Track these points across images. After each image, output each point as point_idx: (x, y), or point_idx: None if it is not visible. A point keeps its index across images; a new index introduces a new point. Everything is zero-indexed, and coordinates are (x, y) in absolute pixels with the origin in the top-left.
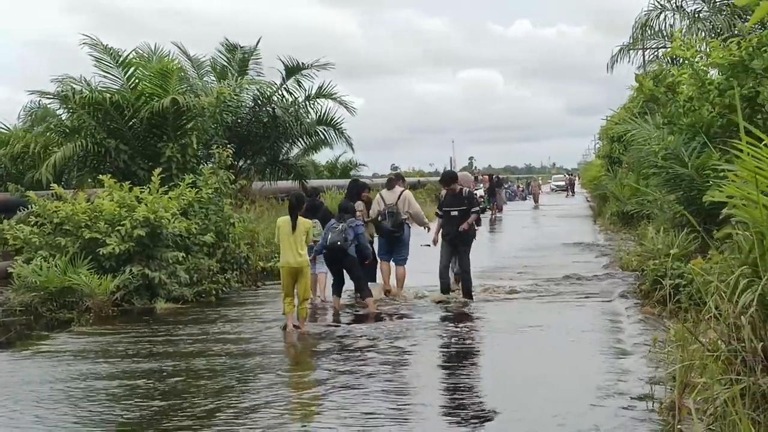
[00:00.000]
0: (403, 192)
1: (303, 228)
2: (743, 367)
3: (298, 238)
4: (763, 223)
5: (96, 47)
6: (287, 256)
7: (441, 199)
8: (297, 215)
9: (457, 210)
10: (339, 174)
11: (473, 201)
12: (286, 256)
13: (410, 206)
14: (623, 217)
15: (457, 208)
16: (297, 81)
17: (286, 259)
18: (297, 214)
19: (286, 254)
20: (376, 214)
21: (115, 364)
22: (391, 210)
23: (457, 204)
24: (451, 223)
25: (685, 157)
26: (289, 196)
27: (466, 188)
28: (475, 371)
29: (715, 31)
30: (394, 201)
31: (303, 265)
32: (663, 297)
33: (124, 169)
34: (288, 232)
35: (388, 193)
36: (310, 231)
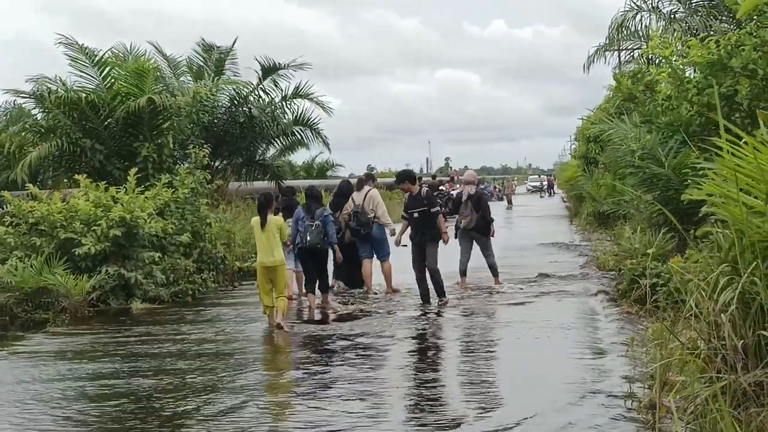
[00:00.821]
0: (370, 191)
1: (274, 226)
2: (723, 365)
3: (270, 236)
4: (742, 221)
5: (71, 47)
6: (262, 255)
7: (405, 202)
8: (266, 214)
9: (417, 211)
10: (315, 174)
11: (433, 201)
12: (261, 255)
13: (375, 205)
14: (599, 217)
15: (417, 209)
16: (273, 81)
17: (261, 258)
18: (266, 212)
19: (261, 253)
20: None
21: (91, 365)
22: (356, 210)
23: (418, 205)
24: (414, 225)
25: (662, 156)
26: (259, 195)
27: (425, 188)
28: (448, 372)
29: (691, 31)
30: (360, 201)
31: (278, 264)
32: (640, 296)
33: (99, 168)
34: (259, 231)
35: (357, 194)
36: (283, 228)
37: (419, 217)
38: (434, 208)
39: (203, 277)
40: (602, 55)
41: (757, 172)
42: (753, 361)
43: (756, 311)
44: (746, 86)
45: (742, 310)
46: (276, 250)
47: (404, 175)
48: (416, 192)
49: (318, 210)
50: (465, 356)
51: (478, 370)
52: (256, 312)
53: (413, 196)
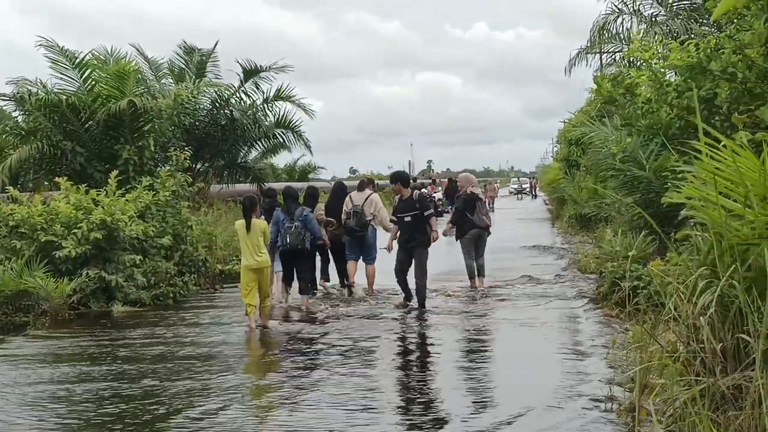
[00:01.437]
0: (371, 195)
1: (258, 229)
2: (702, 368)
3: (254, 239)
4: (721, 224)
5: (52, 49)
6: (247, 258)
7: (394, 205)
8: (251, 217)
9: (409, 215)
10: (297, 177)
11: (425, 204)
12: (246, 257)
13: (376, 209)
14: (581, 220)
15: (409, 213)
16: (255, 84)
17: (245, 260)
18: (251, 215)
19: (246, 256)
20: (344, 214)
21: (72, 368)
22: (356, 210)
23: (409, 209)
24: (404, 229)
25: (643, 159)
26: (243, 198)
27: (416, 191)
28: (430, 375)
29: (672, 34)
30: (361, 202)
31: (263, 266)
32: (621, 299)
33: (80, 171)
34: (244, 234)
35: (357, 195)
36: (266, 232)
37: (411, 221)
38: (428, 211)
39: (184, 280)
40: (584, 57)
41: (736, 176)
42: (731, 364)
43: (734, 314)
44: (725, 89)
45: (721, 313)
46: (261, 252)
47: (397, 176)
48: (407, 195)
49: (297, 210)
50: (446, 360)
51: (458, 373)
52: (237, 315)
53: (404, 200)
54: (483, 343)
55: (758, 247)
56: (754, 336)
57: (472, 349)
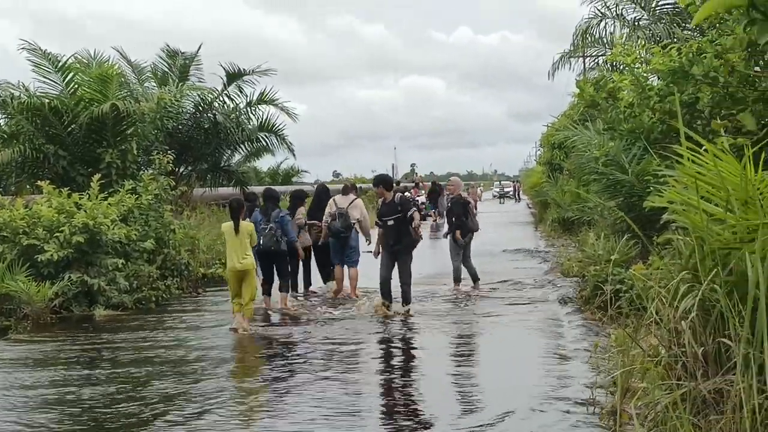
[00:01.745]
0: (356, 200)
1: (246, 231)
2: (684, 372)
3: (241, 241)
4: (703, 228)
5: (34, 52)
6: (233, 260)
7: (378, 209)
8: (239, 218)
9: (392, 218)
10: (281, 180)
11: (407, 205)
12: (232, 259)
13: (362, 215)
14: (564, 224)
15: (392, 216)
16: (238, 87)
17: (231, 262)
18: (239, 217)
19: (232, 257)
20: (328, 216)
21: (54, 372)
22: (341, 212)
23: (392, 212)
24: (389, 232)
25: (626, 163)
26: (230, 200)
27: (398, 194)
28: (413, 378)
29: (655, 38)
30: (345, 205)
31: (248, 267)
32: (604, 302)
33: (63, 175)
34: (232, 236)
35: (341, 198)
36: (253, 234)
37: (394, 224)
38: (410, 211)
39: (167, 284)
40: (567, 61)
41: (717, 180)
42: (713, 369)
43: (716, 318)
44: (707, 94)
45: (703, 318)
46: (246, 254)
47: (380, 180)
48: (390, 199)
49: (274, 212)
50: (429, 363)
51: (442, 377)
52: (220, 318)
53: (387, 203)
54: (466, 346)
55: (739, 251)
56: (735, 340)
57: (455, 353)
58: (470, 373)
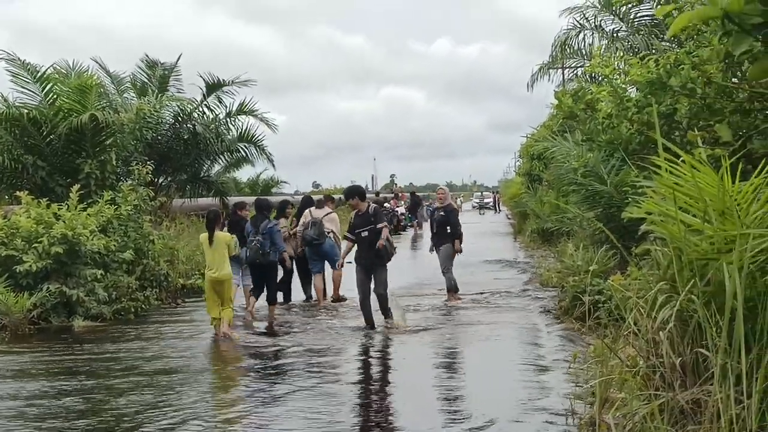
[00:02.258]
0: (331, 213)
1: (222, 242)
2: (662, 382)
3: (218, 251)
4: (680, 239)
5: (13, 63)
6: (210, 270)
7: (351, 221)
8: (214, 230)
9: (366, 230)
10: (260, 191)
11: (380, 217)
12: (209, 269)
13: (335, 226)
14: (543, 234)
15: (366, 227)
16: (218, 98)
17: (208, 272)
18: (214, 227)
19: (209, 267)
20: (302, 225)
21: (31, 384)
22: (315, 221)
23: (365, 223)
24: (363, 245)
25: (604, 174)
26: (208, 212)
27: (372, 205)
28: (393, 389)
29: (633, 50)
30: (320, 216)
31: (225, 278)
32: (582, 313)
33: (41, 185)
34: (207, 247)
35: (316, 210)
36: (230, 244)
37: (368, 236)
38: (380, 224)
39: (146, 295)
40: (546, 72)
41: (695, 191)
42: (691, 379)
43: (693, 329)
44: (685, 105)
45: (680, 328)
46: (223, 264)
47: (354, 191)
48: (364, 210)
49: (263, 224)
50: (408, 374)
51: (421, 388)
52: (199, 329)
53: (360, 215)
54: (445, 357)
55: (717, 261)
56: (713, 350)
57: (434, 364)
58: (450, 384)
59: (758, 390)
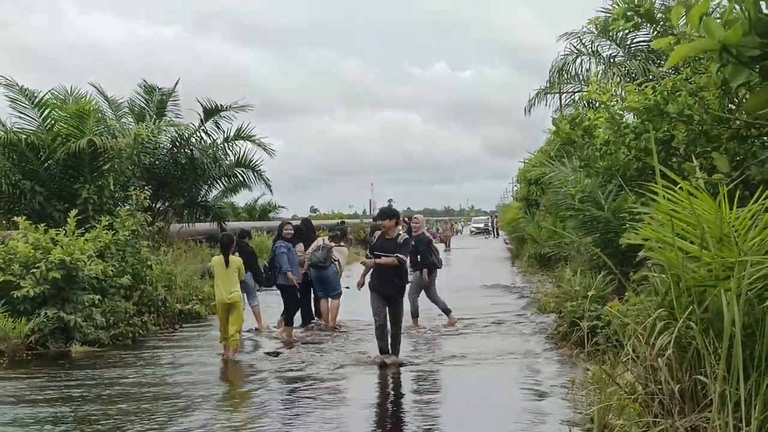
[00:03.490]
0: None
1: (235, 265)
2: (660, 409)
3: (230, 274)
4: (678, 266)
5: (11, 88)
6: (221, 293)
7: (372, 242)
8: (229, 253)
9: (387, 257)
10: (258, 216)
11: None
12: (220, 292)
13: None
14: (541, 259)
15: (390, 255)
16: (215, 123)
17: (219, 295)
18: (228, 252)
19: (220, 290)
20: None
21: (29, 410)
22: (325, 246)
23: (390, 250)
24: (381, 272)
25: (602, 199)
26: (220, 237)
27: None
28: (389, 414)
29: (630, 75)
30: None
31: (235, 300)
32: (580, 339)
33: (39, 210)
34: (222, 269)
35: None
36: (241, 268)
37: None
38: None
39: (144, 320)
40: (543, 97)
41: (693, 218)
42: (690, 406)
43: (692, 356)
44: (682, 131)
45: (679, 355)
46: (234, 287)
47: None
48: (394, 236)
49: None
50: (407, 399)
51: (417, 414)
52: (197, 354)
53: (388, 239)
54: (442, 383)
55: (715, 288)
56: (711, 377)
57: (430, 389)
58: (447, 409)
59: (757, 417)
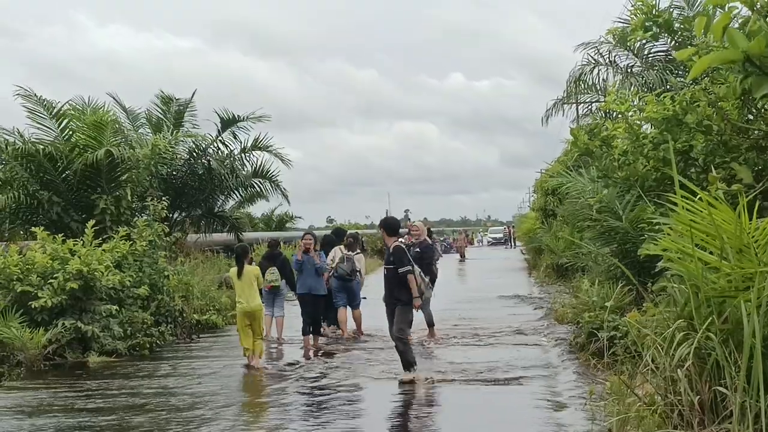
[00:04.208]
0: (359, 254)
1: (251, 275)
2: (680, 420)
3: (247, 284)
4: (698, 276)
5: (30, 99)
6: (241, 302)
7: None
8: (243, 264)
9: (386, 268)
10: (274, 226)
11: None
12: (240, 301)
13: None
14: (558, 270)
15: (386, 266)
16: (233, 133)
17: (239, 304)
18: (243, 262)
19: (240, 300)
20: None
21: (47, 420)
22: (349, 257)
23: (387, 262)
24: (385, 283)
25: (620, 210)
26: (236, 248)
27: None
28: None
29: (648, 85)
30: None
31: (255, 309)
32: (598, 349)
33: (57, 221)
34: (237, 280)
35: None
36: (259, 277)
37: (387, 274)
38: (402, 269)
39: (161, 330)
40: (560, 108)
41: (712, 228)
42: (709, 417)
43: (712, 367)
44: (701, 142)
45: (698, 366)
46: (253, 296)
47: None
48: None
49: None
50: (426, 409)
51: (436, 423)
52: (215, 365)
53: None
54: (459, 394)
55: (735, 299)
56: (731, 389)
57: (445, 401)
58: (465, 421)
59: None
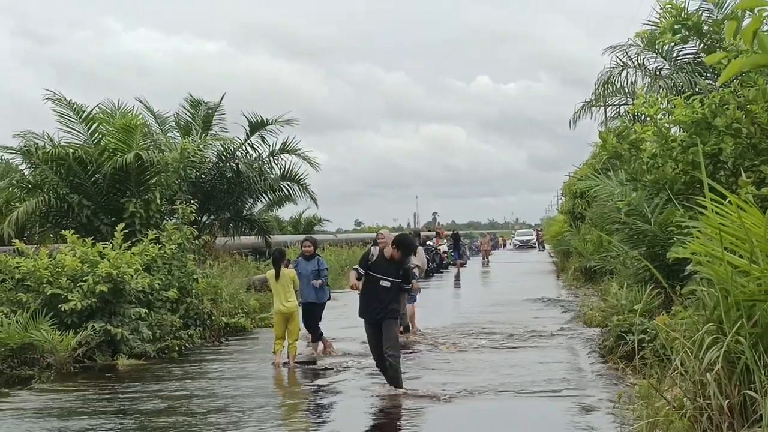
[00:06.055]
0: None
1: (287, 277)
2: (709, 424)
3: (284, 286)
4: (727, 280)
5: (59, 102)
6: (278, 304)
7: (371, 258)
8: (280, 266)
9: (389, 280)
10: (303, 230)
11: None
12: (277, 303)
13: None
14: (586, 273)
15: (389, 278)
16: (261, 136)
17: (276, 306)
18: (280, 265)
19: (277, 302)
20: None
21: (77, 422)
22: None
23: (392, 273)
24: (373, 295)
25: (648, 213)
26: (273, 252)
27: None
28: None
29: (677, 88)
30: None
31: (291, 310)
32: (627, 352)
33: (86, 224)
34: (275, 282)
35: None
36: (295, 279)
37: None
38: (407, 285)
39: (190, 333)
40: (588, 110)
41: (742, 232)
42: (739, 421)
43: (741, 371)
44: (730, 145)
45: (728, 369)
46: (289, 298)
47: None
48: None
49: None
50: (452, 414)
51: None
52: (243, 368)
53: (391, 261)
54: (487, 397)
55: (765, 303)
56: (761, 393)
57: (474, 407)
58: (493, 425)
59: None
